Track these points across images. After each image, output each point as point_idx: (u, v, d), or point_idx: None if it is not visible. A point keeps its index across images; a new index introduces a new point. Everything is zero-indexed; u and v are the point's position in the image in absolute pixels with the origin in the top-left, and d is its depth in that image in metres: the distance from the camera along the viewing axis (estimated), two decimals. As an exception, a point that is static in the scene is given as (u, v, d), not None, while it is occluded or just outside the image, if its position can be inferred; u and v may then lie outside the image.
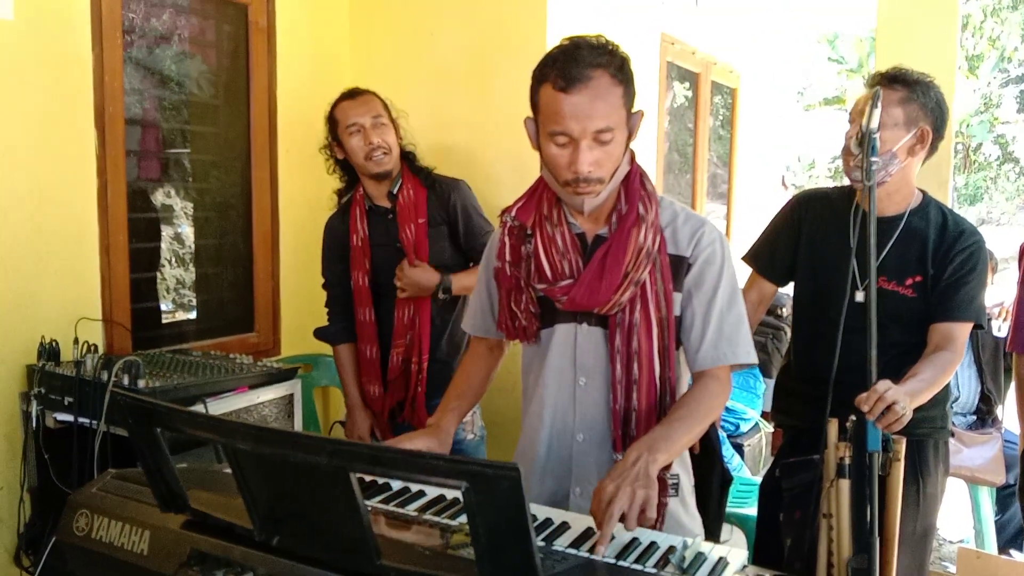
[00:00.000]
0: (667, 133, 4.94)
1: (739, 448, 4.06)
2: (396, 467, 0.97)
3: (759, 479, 2.45)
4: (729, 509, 3.07)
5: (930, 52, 2.60)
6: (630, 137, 1.55)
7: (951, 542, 3.84)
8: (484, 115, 3.15)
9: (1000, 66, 18.46)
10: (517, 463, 0.91)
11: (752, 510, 2.53)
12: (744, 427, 4.19)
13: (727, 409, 4.23)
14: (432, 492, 1.52)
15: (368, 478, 1.59)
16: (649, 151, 4.25)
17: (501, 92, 3.11)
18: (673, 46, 4.37)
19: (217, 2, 3.01)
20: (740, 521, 3.01)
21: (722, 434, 4.06)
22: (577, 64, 1.44)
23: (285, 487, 1.11)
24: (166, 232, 3.09)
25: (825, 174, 18.13)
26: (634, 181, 1.58)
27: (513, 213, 1.64)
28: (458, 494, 0.97)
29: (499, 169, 3.10)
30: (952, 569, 3.17)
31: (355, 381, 2.60)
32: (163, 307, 3.20)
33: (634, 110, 1.55)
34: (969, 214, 17.42)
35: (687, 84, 5.07)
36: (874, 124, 1.85)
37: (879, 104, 1.83)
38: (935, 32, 2.65)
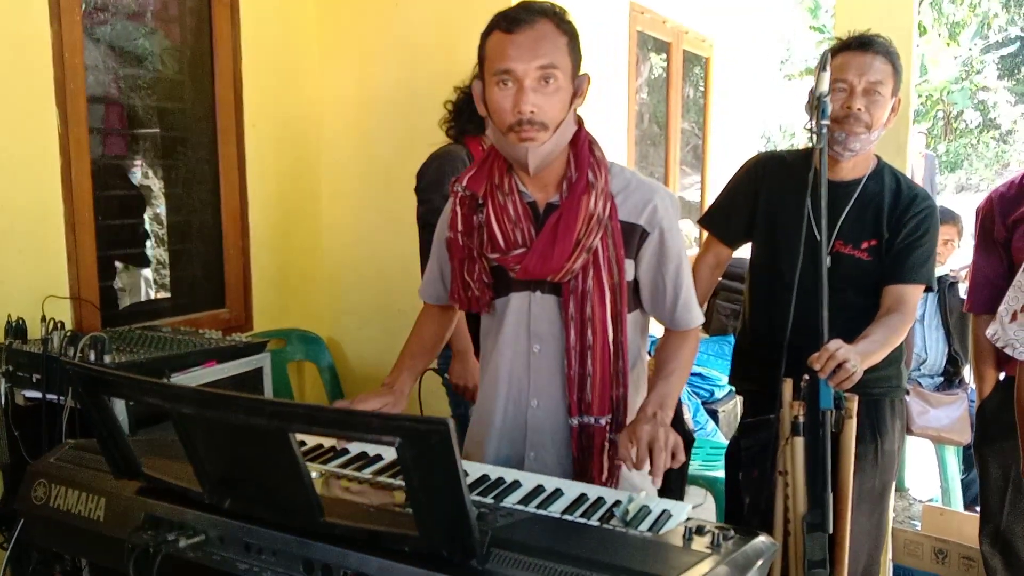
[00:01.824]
0: (646, 104, 4.95)
1: (714, 414, 4.11)
2: (332, 426, 0.99)
3: (732, 443, 2.49)
4: (700, 472, 3.14)
5: (888, 17, 2.62)
6: (575, 95, 1.56)
7: (920, 501, 3.91)
8: (452, 85, 3.14)
9: (981, 33, 18.49)
10: (448, 420, 0.93)
11: (723, 472, 2.57)
12: (718, 393, 4.24)
13: (701, 376, 4.29)
14: (390, 456, 1.56)
15: (328, 443, 1.62)
16: (620, 122, 4.26)
17: (468, 61, 3.09)
18: (643, 15, 4.37)
19: (179, -23, 2.99)
20: (709, 483, 3.07)
21: (696, 400, 4.11)
22: (524, 10, 1.50)
23: (230, 450, 1.13)
24: (146, 212, 3.09)
25: (805, 144, 18.17)
26: (583, 148, 1.60)
27: (464, 182, 1.65)
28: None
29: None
30: (919, 526, 3.23)
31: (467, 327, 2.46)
32: (140, 285, 3.21)
33: (581, 72, 1.57)
34: (949, 181, 17.52)
35: (663, 55, 5.07)
36: (824, 87, 1.87)
37: (827, 67, 1.85)
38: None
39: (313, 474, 1.40)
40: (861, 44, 2.07)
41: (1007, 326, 1.81)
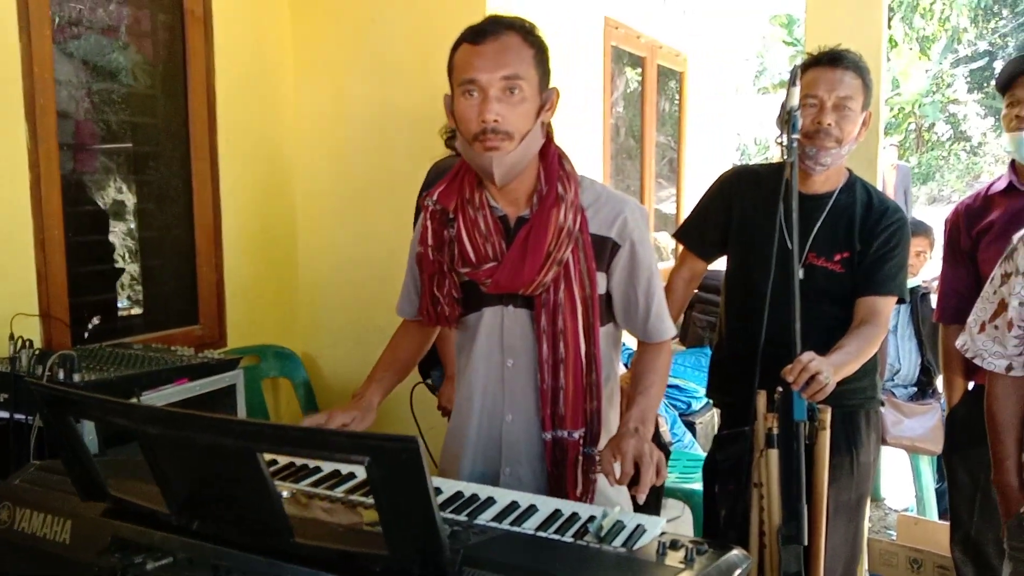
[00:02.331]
0: (622, 118, 4.98)
1: (691, 426, 4.12)
2: (300, 445, 0.98)
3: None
4: (678, 484, 3.14)
5: (858, 31, 2.65)
6: (543, 108, 1.57)
7: (895, 511, 3.94)
8: (428, 102, 3.13)
9: (951, 47, 18.81)
10: (416, 437, 0.92)
11: (700, 485, 2.58)
12: (696, 405, 4.25)
13: (679, 388, 4.30)
14: (363, 474, 1.54)
15: (300, 462, 1.61)
16: (596, 135, 4.28)
17: (443, 78, 3.10)
18: (617, 30, 4.40)
19: (151, -9, 2.98)
20: (687, 496, 3.07)
21: (674, 413, 4.12)
22: (490, 23, 1.53)
23: (197, 470, 1.12)
24: (119, 228, 3.06)
25: (779, 157, 18.35)
26: (553, 161, 1.61)
27: (435, 197, 1.65)
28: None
29: (442, 155, 3.10)
30: (895, 536, 3.25)
31: None
32: (120, 303, 3.17)
33: (550, 86, 1.59)
34: (921, 193, 17.75)
35: (638, 69, 5.11)
36: (794, 102, 1.89)
37: (798, 82, 1.87)
38: (862, 13, 2.70)
39: (284, 493, 1.39)
40: (831, 60, 2.09)
41: (976, 337, 1.83)
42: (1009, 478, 1.76)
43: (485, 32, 1.51)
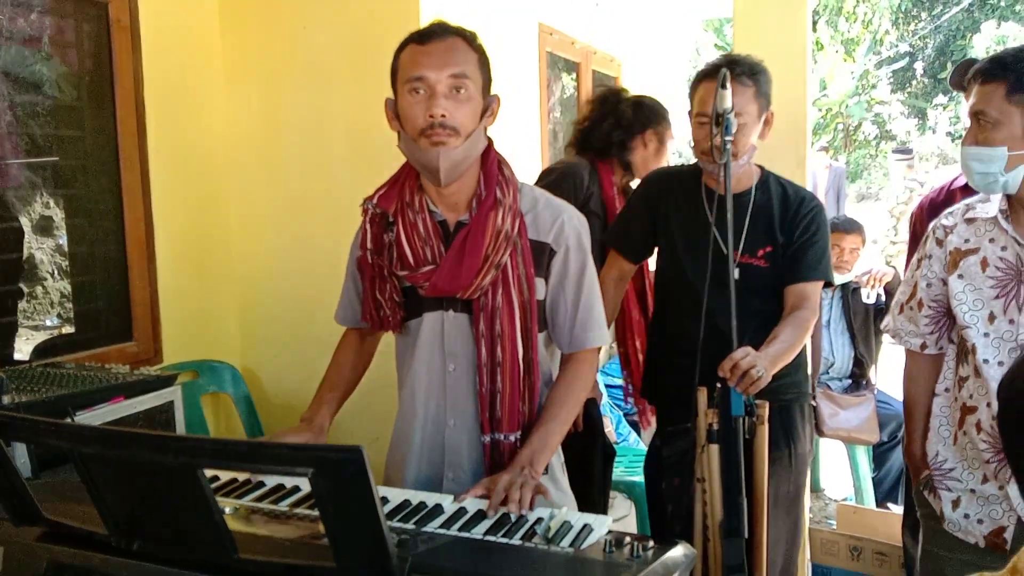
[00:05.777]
0: (560, 123, 5.02)
1: (635, 425, 4.17)
2: (242, 459, 0.97)
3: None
4: (622, 478, 3.19)
5: (784, 36, 2.72)
6: (486, 111, 1.59)
7: (835, 500, 4.05)
8: (362, 108, 3.13)
9: (874, 49, 19.41)
10: (360, 447, 0.92)
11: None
12: (640, 405, 4.29)
13: (623, 389, 4.33)
14: (307, 487, 1.52)
15: (243, 477, 1.58)
16: (534, 141, 4.31)
17: (378, 84, 3.07)
18: (552, 36, 4.44)
19: (75, 0, 2.89)
20: (628, 488, 3.12)
21: (618, 413, 4.17)
22: (437, 26, 1.58)
23: (136, 489, 1.09)
24: (47, 244, 2.96)
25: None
26: (492, 166, 1.62)
27: (375, 200, 1.66)
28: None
29: (378, 161, 3.08)
30: (835, 525, 3.34)
31: None
32: (48, 322, 3.07)
33: (492, 93, 1.61)
34: (851, 190, 18.26)
35: (574, 75, 5.15)
36: (727, 104, 1.93)
37: (727, 84, 1.91)
38: (787, 17, 2.77)
39: (227, 509, 1.37)
40: (714, 74, 2.04)
41: (896, 318, 1.95)
42: (915, 448, 1.87)
43: (432, 33, 1.56)
